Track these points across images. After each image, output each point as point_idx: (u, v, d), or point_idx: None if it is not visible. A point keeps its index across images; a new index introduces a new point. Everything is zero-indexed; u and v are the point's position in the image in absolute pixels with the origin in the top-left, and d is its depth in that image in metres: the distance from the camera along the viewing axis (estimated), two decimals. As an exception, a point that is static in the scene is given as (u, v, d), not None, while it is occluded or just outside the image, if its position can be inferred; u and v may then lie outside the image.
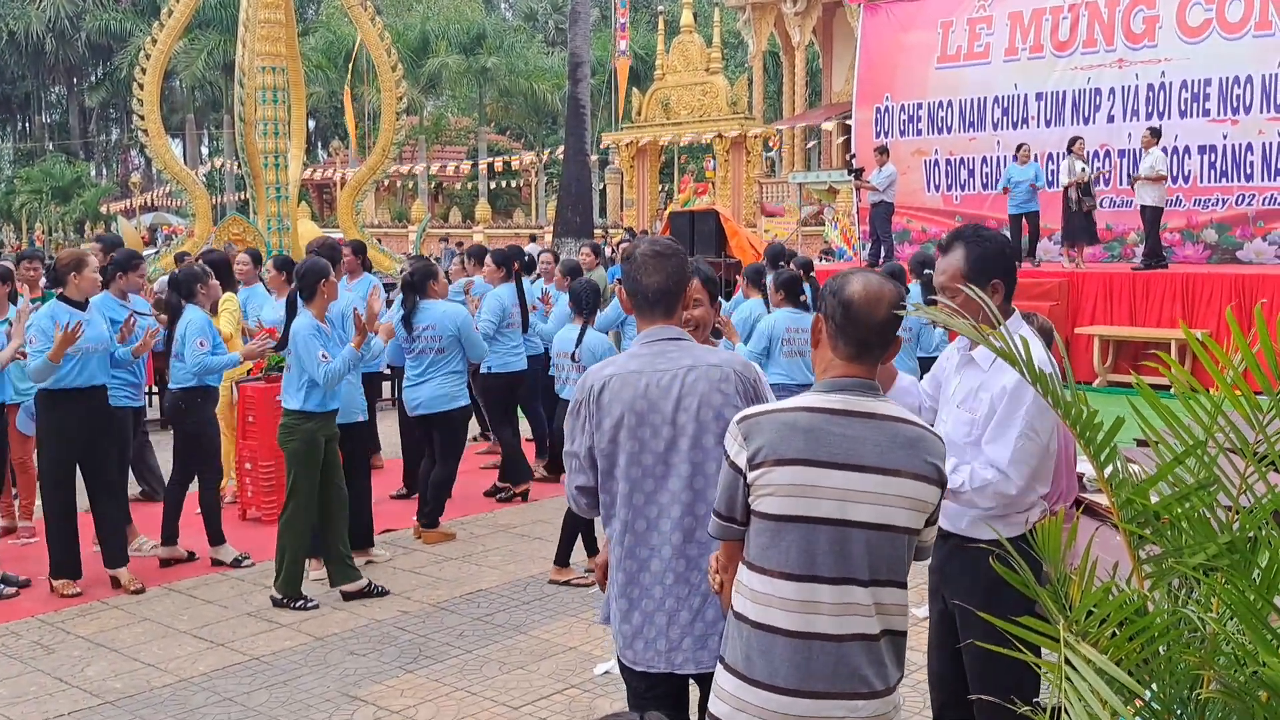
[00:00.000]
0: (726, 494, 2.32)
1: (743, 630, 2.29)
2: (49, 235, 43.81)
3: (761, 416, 2.29)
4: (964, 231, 3.11)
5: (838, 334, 2.31)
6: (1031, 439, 2.90)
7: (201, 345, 6.06)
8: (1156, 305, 12.31)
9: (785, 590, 2.24)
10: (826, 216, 22.54)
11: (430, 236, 23.10)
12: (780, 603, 2.24)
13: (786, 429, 2.24)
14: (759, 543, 2.27)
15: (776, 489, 2.23)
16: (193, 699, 4.51)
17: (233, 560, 6.28)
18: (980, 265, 2.97)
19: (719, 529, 2.36)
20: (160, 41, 11.85)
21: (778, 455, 2.22)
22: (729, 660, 2.32)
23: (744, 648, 2.28)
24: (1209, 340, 1.91)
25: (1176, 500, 1.89)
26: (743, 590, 2.31)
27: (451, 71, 38.51)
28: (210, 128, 49.71)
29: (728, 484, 2.31)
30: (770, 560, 2.25)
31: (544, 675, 4.71)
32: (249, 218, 12.23)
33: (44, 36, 49.30)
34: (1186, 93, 14.04)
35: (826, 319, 2.34)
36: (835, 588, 2.24)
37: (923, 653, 4.76)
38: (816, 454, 2.22)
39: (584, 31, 23.81)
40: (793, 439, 2.23)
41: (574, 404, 2.83)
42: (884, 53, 16.96)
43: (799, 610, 2.24)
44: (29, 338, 5.57)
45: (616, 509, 2.78)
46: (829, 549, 2.23)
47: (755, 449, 2.24)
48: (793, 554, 2.23)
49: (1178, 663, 1.83)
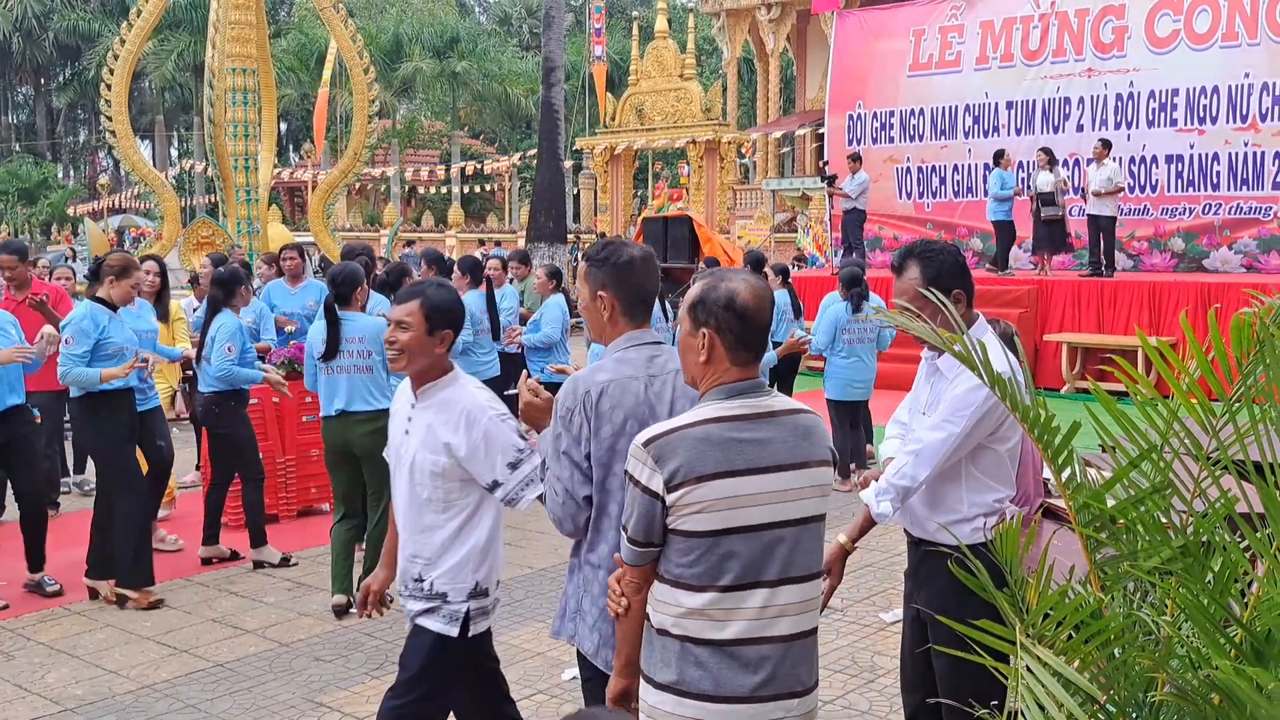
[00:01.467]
0: (644, 521, 2.24)
1: (679, 647, 2.25)
2: (15, 237, 43.22)
3: (670, 436, 2.23)
4: (914, 248, 3.13)
5: (736, 344, 2.29)
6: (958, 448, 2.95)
7: (229, 351, 5.99)
8: (1124, 313, 12.45)
9: (726, 601, 2.23)
10: (799, 223, 22.65)
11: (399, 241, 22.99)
12: (723, 614, 2.23)
13: (700, 444, 2.21)
14: (687, 560, 2.23)
15: (704, 506, 2.20)
16: (155, 706, 4.46)
17: (280, 560, 6.25)
18: (938, 280, 2.99)
19: (637, 556, 2.29)
20: (129, 42, 11.74)
21: (697, 473, 2.20)
22: (660, 680, 2.28)
23: (679, 664, 2.25)
24: (1165, 348, 1.93)
25: (1132, 504, 1.91)
26: (669, 609, 2.26)
27: (425, 75, 38.41)
28: (180, 129, 49.31)
29: (644, 511, 2.24)
30: (707, 576, 2.23)
31: (511, 680, 4.64)
32: (219, 220, 12.13)
33: (11, 36, 48.73)
34: (1154, 102, 14.21)
35: (718, 333, 2.28)
36: (776, 590, 2.25)
37: (892, 658, 4.79)
38: (734, 464, 2.22)
39: (558, 36, 23.81)
40: (709, 454, 2.21)
41: (564, 412, 2.69)
42: (857, 60, 17.06)
43: (743, 619, 2.24)
44: (65, 337, 5.44)
45: (610, 520, 2.68)
46: (765, 554, 2.24)
47: (671, 470, 2.20)
48: (730, 566, 2.22)
49: (1132, 665, 1.85)
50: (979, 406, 2.91)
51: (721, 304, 2.28)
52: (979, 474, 3.02)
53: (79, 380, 5.47)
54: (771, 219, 24.94)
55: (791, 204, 24.58)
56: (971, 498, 3.02)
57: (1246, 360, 1.81)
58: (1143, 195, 14.36)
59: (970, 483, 3.02)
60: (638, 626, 2.36)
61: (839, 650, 4.97)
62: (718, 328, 2.28)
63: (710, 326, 2.29)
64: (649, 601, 2.32)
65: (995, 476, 3.03)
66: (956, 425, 2.93)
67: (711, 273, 2.39)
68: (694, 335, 2.32)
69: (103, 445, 5.66)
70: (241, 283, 6.37)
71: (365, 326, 5.55)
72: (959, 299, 3.02)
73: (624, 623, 2.36)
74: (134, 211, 39.19)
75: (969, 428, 2.93)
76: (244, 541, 6.39)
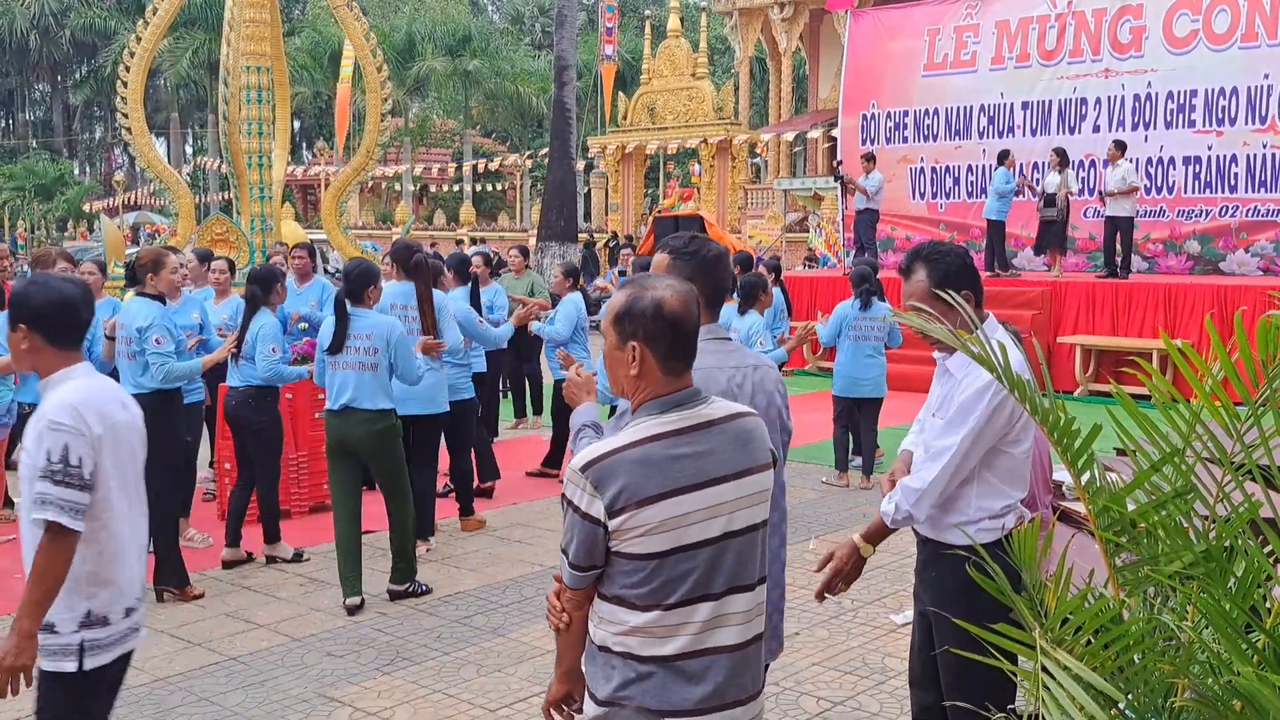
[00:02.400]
0: (585, 547, 2.18)
1: (621, 663, 2.22)
2: (31, 233, 43.48)
3: (607, 460, 2.15)
4: (921, 250, 3.13)
5: (668, 353, 2.21)
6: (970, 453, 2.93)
7: (274, 351, 6.05)
8: (1139, 315, 12.38)
9: (671, 618, 2.19)
10: (811, 223, 22.60)
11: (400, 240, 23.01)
12: (667, 630, 2.19)
13: (640, 467, 2.15)
14: (634, 580, 2.18)
15: (648, 529, 2.15)
16: (168, 699, 4.47)
17: (292, 556, 6.30)
18: (946, 281, 2.99)
19: (579, 580, 2.24)
20: (145, 40, 11.77)
21: (640, 496, 2.14)
22: (603, 696, 2.24)
23: (621, 679, 2.21)
24: (1189, 349, 1.91)
25: (1153, 508, 1.89)
26: (611, 627, 2.23)
27: (437, 74, 38.44)
28: (194, 127, 49.51)
29: (585, 536, 2.17)
30: (651, 596, 2.18)
31: (521, 678, 4.69)
32: (232, 217, 12.16)
33: (28, 33, 48.99)
34: (1172, 103, 14.13)
35: (647, 343, 2.20)
36: (722, 600, 2.21)
37: (902, 659, 4.78)
38: (677, 483, 2.16)
39: (570, 35, 23.81)
40: (650, 475, 2.15)
41: None
42: (871, 60, 17.01)
43: (688, 633, 2.20)
44: (154, 338, 5.53)
45: None
46: (711, 567, 2.20)
47: (612, 496, 2.13)
48: (676, 584, 2.18)
49: (1152, 671, 1.83)
50: (985, 407, 2.89)
51: (649, 314, 2.19)
52: (991, 478, 3.00)
53: (185, 373, 5.66)
54: (783, 218, 24.91)
55: (803, 204, 24.54)
56: (979, 502, 3.01)
57: (1272, 363, 1.79)
58: (1159, 197, 14.28)
59: (981, 487, 3.00)
60: (579, 639, 2.32)
61: (849, 652, 4.96)
62: (647, 338, 2.20)
63: (639, 338, 2.20)
64: (592, 619, 2.27)
65: (1007, 481, 3.01)
66: (964, 428, 2.92)
67: (635, 280, 2.29)
68: (621, 348, 2.23)
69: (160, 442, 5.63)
70: (279, 280, 6.41)
71: (374, 324, 5.58)
72: (967, 300, 3.01)
73: (565, 636, 2.32)
74: (149, 208, 39.37)
75: (978, 427, 2.91)
76: (255, 537, 6.41)
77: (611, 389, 2.34)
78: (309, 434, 7.31)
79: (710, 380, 2.69)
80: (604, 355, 2.31)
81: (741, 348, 2.89)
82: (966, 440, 2.91)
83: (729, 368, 2.77)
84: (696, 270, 2.76)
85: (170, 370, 5.57)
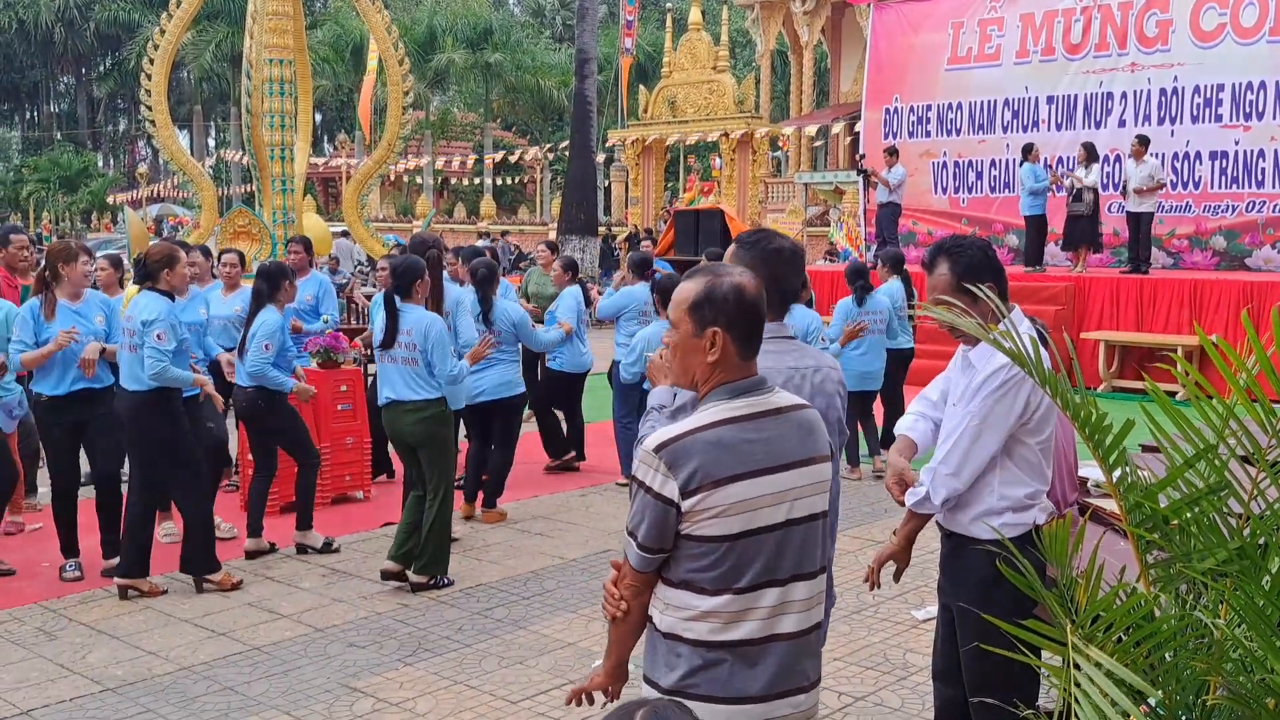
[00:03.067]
0: (656, 528, 2.19)
1: (688, 650, 2.22)
2: (55, 224, 43.82)
3: (682, 441, 2.17)
4: (944, 244, 3.17)
5: (746, 339, 2.24)
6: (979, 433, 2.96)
7: (266, 349, 6.03)
8: (1163, 311, 12.28)
9: (740, 603, 2.20)
10: (832, 217, 22.52)
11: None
12: (735, 615, 2.20)
13: (714, 449, 2.17)
14: (703, 564, 2.19)
15: (720, 511, 2.16)
16: (193, 688, 4.51)
17: (322, 545, 6.33)
18: (969, 275, 3.03)
19: (647, 562, 2.23)
20: (168, 33, 11.83)
21: (714, 478, 2.15)
22: (666, 684, 2.25)
23: (687, 667, 2.22)
24: (1224, 344, 1.89)
25: (1186, 505, 1.88)
26: (679, 613, 2.23)
27: (458, 67, 38.51)
28: (217, 119, 49.79)
29: (656, 517, 2.18)
30: (722, 579, 2.19)
31: (543, 670, 4.70)
32: (255, 210, 12.22)
33: (53, 26, 49.38)
34: (1199, 98, 13.98)
35: (728, 329, 2.21)
36: (784, 588, 2.23)
37: (924, 655, 4.76)
38: (748, 466, 2.18)
39: (591, 28, 23.80)
40: (723, 457, 2.17)
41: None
42: (894, 53, 16.92)
43: (755, 619, 2.21)
44: (156, 333, 5.44)
45: None
46: (778, 553, 2.21)
47: (686, 476, 2.15)
48: (745, 568, 2.19)
49: (1184, 668, 1.82)
50: (997, 390, 2.93)
51: (731, 299, 2.21)
52: (1013, 466, 3.02)
53: (177, 380, 5.50)
54: (803, 212, 24.82)
55: (824, 197, 24.45)
56: (1003, 490, 3.03)
57: (1310, 359, 1.77)
58: (1185, 192, 14.14)
59: (1004, 475, 3.03)
60: (635, 630, 2.32)
61: (871, 647, 4.94)
62: (728, 324, 2.21)
63: (720, 324, 2.21)
64: (656, 605, 2.27)
65: (1027, 470, 3.03)
66: (981, 412, 2.96)
67: (707, 268, 2.29)
68: (699, 335, 2.23)
69: (163, 439, 5.62)
70: (287, 276, 6.36)
71: (417, 319, 5.63)
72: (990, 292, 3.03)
73: (621, 625, 2.31)
74: (172, 200, 39.61)
75: (993, 411, 2.94)
76: (279, 528, 6.45)
77: (678, 379, 2.33)
78: (331, 426, 7.35)
79: (784, 381, 2.66)
80: (673, 344, 2.29)
81: (804, 347, 2.83)
82: (981, 421, 2.95)
83: (787, 368, 2.72)
84: (756, 261, 2.69)
85: (164, 371, 5.43)
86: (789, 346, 2.78)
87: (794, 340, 2.82)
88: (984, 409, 2.94)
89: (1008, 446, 2.99)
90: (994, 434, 2.95)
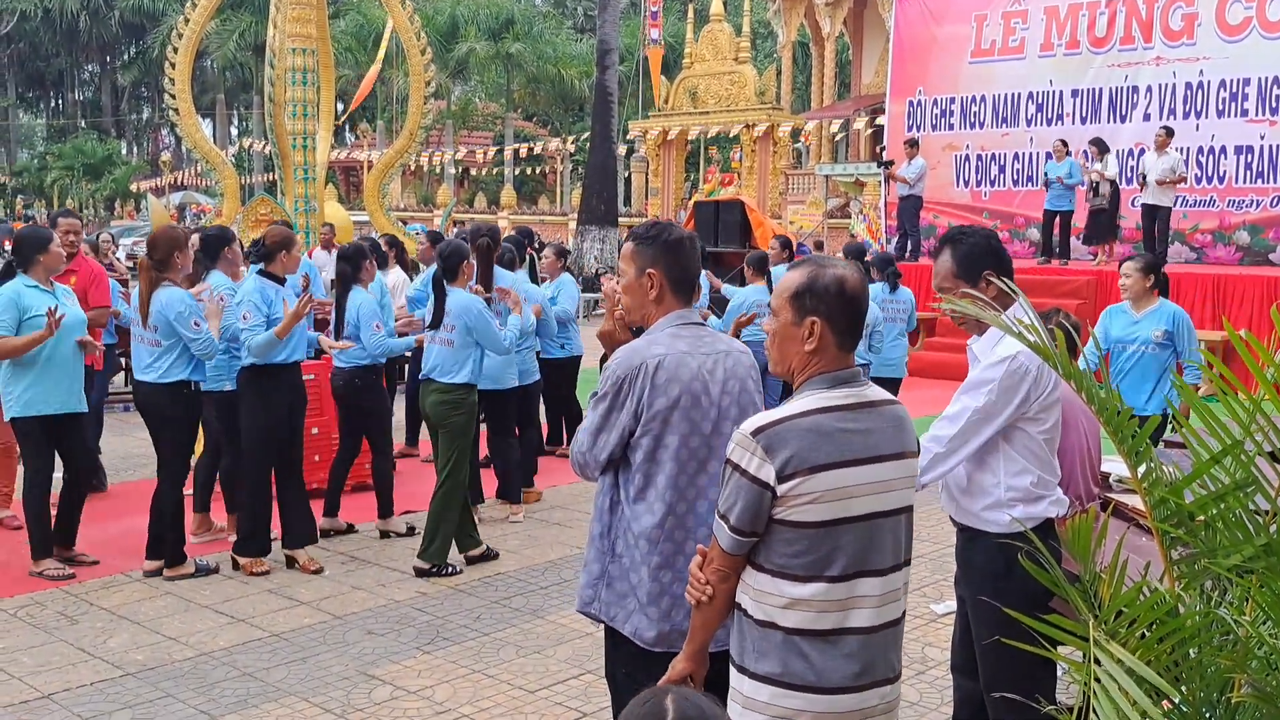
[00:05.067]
0: (750, 511, 2.21)
1: (782, 638, 2.23)
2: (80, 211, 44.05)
3: (779, 426, 2.20)
4: (950, 234, 3.26)
5: (845, 330, 2.27)
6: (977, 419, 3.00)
7: (378, 329, 6.25)
8: (1187, 306, 12.09)
9: (834, 592, 2.21)
10: (853, 209, 22.42)
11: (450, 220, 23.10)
12: (828, 605, 2.21)
13: (811, 435, 2.19)
14: (793, 550, 2.21)
15: (815, 497, 2.18)
16: (212, 673, 4.54)
17: (407, 529, 6.44)
18: (968, 262, 3.11)
19: (739, 545, 2.25)
20: (193, 22, 11.89)
21: (810, 463, 2.17)
22: (760, 671, 2.26)
23: (782, 655, 2.23)
24: (1252, 338, 1.87)
25: (1212, 500, 1.86)
26: (774, 600, 2.24)
27: (480, 57, 38.50)
28: (240, 108, 49.99)
29: (750, 500, 2.20)
30: (814, 566, 2.21)
31: (560, 660, 4.71)
32: (276, 198, 12.27)
33: (78, 15, 49.66)
34: (1225, 92, 13.86)
35: (829, 320, 2.25)
36: (879, 579, 2.24)
37: (942, 649, 4.75)
38: (844, 455, 2.20)
39: (613, 18, 23.77)
40: (820, 444, 2.19)
41: (615, 381, 2.75)
42: (917, 45, 16.83)
43: (847, 608, 2.22)
44: (243, 313, 5.57)
45: (656, 491, 2.73)
46: (869, 544, 2.23)
47: (783, 460, 2.17)
48: (837, 556, 2.20)
49: (1209, 665, 1.80)
50: (998, 381, 2.96)
51: (832, 291, 2.25)
52: (1015, 454, 3.05)
53: (263, 346, 5.54)
54: (824, 204, 24.71)
55: (845, 189, 24.34)
56: (1009, 480, 3.05)
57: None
58: (1209, 186, 14.02)
59: (1008, 464, 3.05)
60: (720, 616, 2.33)
61: (890, 641, 4.93)
62: (828, 315, 2.25)
63: (819, 314, 2.25)
64: (747, 592, 2.28)
65: (1030, 458, 3.05)
66: (975, 400, 3.00)
67: (811, 259, 2.35)
68: (798, 324, 2.27)
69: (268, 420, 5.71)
70: (366, 257, 6.62)
71: (456, 301, 5.84)
72: (988, 279, 3.12)
73: (705, 610, 2.33)
74: (195, 188, 39.82)
75: (988, 399, 2.97)
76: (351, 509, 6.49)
77: (774, 366, 2.36)
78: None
79: (680, 366, 2.72)
80: (773, 333, 2.33)
81: (714, 332, 2.89)
82: (980, 408, 2.98)
83: (699, 353, 2.77)
84: (658, 254, 2.80)
85: (251, 343, 5.56)
86: (700, 332, 2.83)
87: (702, 327, 2.86)
88: (985, 397, 2.98)
89: (1008, 434, 3.03)
90: (990, 423, 3.00)
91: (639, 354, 2.75)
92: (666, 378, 2.70)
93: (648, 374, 2.71)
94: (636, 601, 2.78)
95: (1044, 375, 2.97)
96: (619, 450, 2.77)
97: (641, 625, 2.77)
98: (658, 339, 2.78)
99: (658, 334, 2.79)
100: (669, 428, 2.71)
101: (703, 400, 2.73)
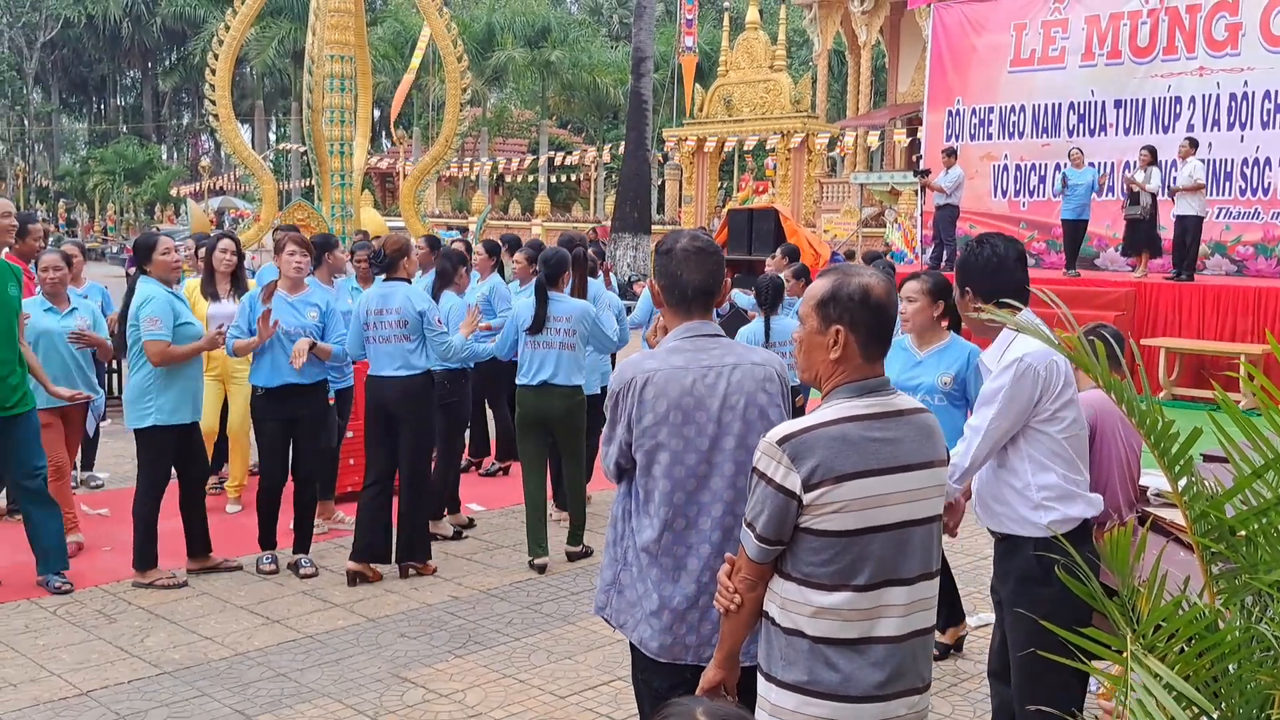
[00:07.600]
0: (776, 519, 2.21)
1: (808, 646, 2.23)
2: (120, 215, 44.80)
3: (806, 435, 2.19)
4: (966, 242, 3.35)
5: (870, 339, 2.25)
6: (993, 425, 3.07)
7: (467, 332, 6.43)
8: (1228, 319, 12.01)
9: (861, 601, 2.20)
10: (888, 218, 22.31)
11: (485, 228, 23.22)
12: (856, 613, 2.21)
13: (838, 444, 2.18)
14: (820, 559, 2.20)
15: (842, 506, 2.17)
16: (247, 673, 4.59)
17: (454, 533, 6.61)
18: (957, 275, 3.21)
19: (765, 553, 2.25)
20: (233, 28, 12.04)
21: (837, 472, 2.17)
22: (788, 680, 2.25)
23: (809, 664, 2.23)
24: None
25: (1254, 515, 1.84)
26: (801, 608, 2.24)
27: (515, 64, 38.73)
28: (278, 114, 50.54)
29: (777, 509, 2.20)
30: (840, 575, 2.20)
31: (591, 666, 4.71)
32: (314, 204, 12.39)
33: (121, 21, 50.47)
34: (1269, 103, 13.67)
35: (852, 329, 2.24)
36: (906, 588, 2.24)
37: (975, 662, 4.71)
38: (870, 464, 2.19)
39: (648, 26, 23.83)
40: (847, 453, 2.18)
41: (611, 395, 2.79)
42: (956, 54, 16.73)
43: (874, 617, 2.21)
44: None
45: (654, 506, 2.73)
46: (897, 553, 2.22)
47: (810, 469, 2.17)
48: (864, 565, 2.20)
49: (1248, 681, 1.78)
50: (1008, 386, 3.02)
51: (856, 299, 2.24)
52: (1038, 455, 3.08)
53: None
54: (859, 213, 24.61)
55: (880, 198, 24.23)
56: (1035, 481, 3.07)
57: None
58: (1254, 198, 13.83)
59: (1032, 466, 3.08)
60: (748, 623, 2.34)
61: (922, 652, 4.90)
62: (852, 324, 2.24)
63: (844, 323, 2.24)
64: (774, 600, 2.28)
65: (1052, 458, 3.07)
66: (992, 409, 3.06)
67: (839, 268, 2.34)
68: (823, 333, 2.26)
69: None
70: (464, 263, 6.86)
71: (572, 308, 6.04)
72: (967, 293, 3.21)
73: (733, 618, 2.34)
74: (234, 193, 40.32)
75: (1001, 408, 3.03)
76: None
77: (802, 374, 2.36)
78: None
79: (669, 381, 2.69)
80: (800, 340, 2.33)
81: (735, 346, 2.79)
82: (995, 416, 3.04)
83: (697, 367, 2.70)
84: (656, 266, 2.82)
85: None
86: (709, 344, 2.75)
87: (719, 337, 2.79)
88: (1000, 404, 3.03)
89: (1028, 436, 3.06)
90: (1004, 425, 3.05)
91: (631, 369, 2.76)
92: (655, 393, 2.70)
93: (636, 389, 2.72)
94: (643, 611, 2.78)
95: (1053, 376, 3.00)
96: (625, 460, 2.80)
97: (646, 635, 2.77)
98: (655, 353, 2.79)
99: (661, 348, 2.81)
100: (660, 444, 2.70)
101: (697, 416, 2.69)
